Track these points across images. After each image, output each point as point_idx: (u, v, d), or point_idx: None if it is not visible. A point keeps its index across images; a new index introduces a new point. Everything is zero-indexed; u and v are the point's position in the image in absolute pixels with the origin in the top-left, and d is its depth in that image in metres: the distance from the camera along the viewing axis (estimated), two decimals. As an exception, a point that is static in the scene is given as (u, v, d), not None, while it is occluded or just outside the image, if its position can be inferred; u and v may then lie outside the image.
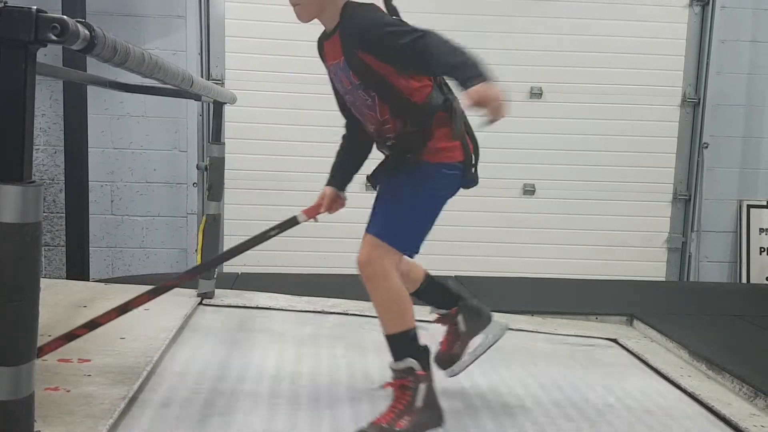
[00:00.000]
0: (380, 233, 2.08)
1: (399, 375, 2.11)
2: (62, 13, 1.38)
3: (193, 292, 3.54)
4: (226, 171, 3.70)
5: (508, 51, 5.08)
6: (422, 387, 2.09)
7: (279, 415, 2.27)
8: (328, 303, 3.67)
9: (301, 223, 2.40)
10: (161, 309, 3.06)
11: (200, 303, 3.51)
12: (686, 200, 5.38)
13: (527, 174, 5.24)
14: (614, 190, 5.31)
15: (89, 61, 4.17)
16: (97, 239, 4.93)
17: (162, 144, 4.97)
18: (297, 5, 2.07)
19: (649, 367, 3.09)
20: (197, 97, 3.30)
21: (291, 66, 4.90)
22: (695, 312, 4.03)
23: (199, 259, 3.55)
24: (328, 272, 4.84)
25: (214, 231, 3.58)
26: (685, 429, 2.43)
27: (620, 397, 2.66)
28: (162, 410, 2.25)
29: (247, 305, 3.57)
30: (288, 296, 3.75)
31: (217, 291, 3.66)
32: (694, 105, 5.30)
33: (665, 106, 5.29)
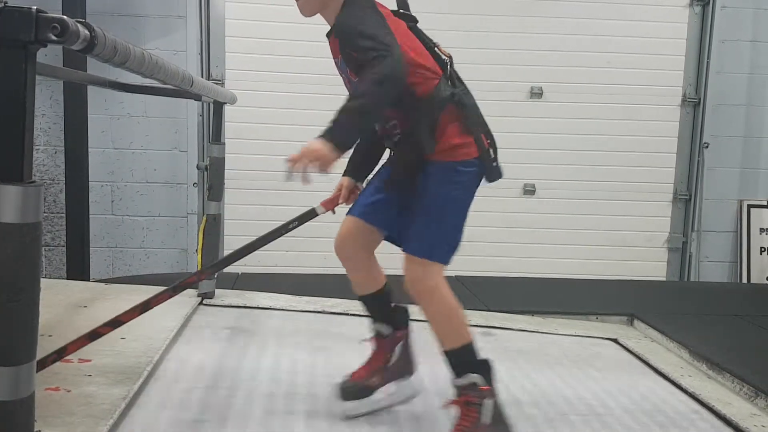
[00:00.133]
0: (418, 251, 2.02)
1: (462, 391, 2.03)
2: (62, 13, 1.37)
3: (194, 292, 3.54)
4: (226, 171, 3.70)
5: (509, 51, 5.09)
6: (488, 402, 2.02)
7: (279, 415, 2.27)
8: (329, 303, 3.67)
9: (319, 215, 2.31)
10: (162, 309, 3.00)
11: (201, 303, 3.51)
12: (687, 200, 5.38)
13: (528, 174, 5.23)
14: (615, 190, 5.31)
15: (89, 61, 4.17)
16: (98, 239, 4.93)
17: (162, 144, 4.97)
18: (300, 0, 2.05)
19: (650, 367, 3.09)
20: (197, 97, 3.30)
21: (290, 66, 4.91)
22: (696, 312, 4.02)
23: (200, 260, 3.55)
24: (328, 272, 4.83)
25: (215, 231, 3.58)
26: (686, 429, 2.43)
27: (620, 397, 2.66)
28: (162, 410, 2.26)
29: (248, 305, 3.57)
30: (288, 296, 3.76)
31: (218, 291, 3.66)
32: (695, 105, 5.30)
33: (666, 106, 5.29)
